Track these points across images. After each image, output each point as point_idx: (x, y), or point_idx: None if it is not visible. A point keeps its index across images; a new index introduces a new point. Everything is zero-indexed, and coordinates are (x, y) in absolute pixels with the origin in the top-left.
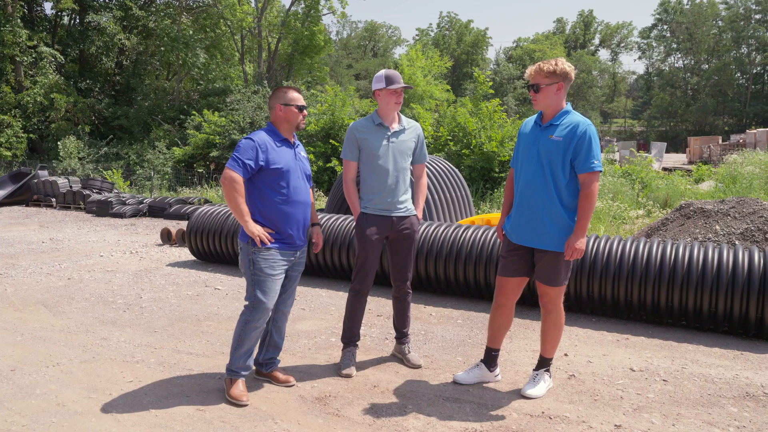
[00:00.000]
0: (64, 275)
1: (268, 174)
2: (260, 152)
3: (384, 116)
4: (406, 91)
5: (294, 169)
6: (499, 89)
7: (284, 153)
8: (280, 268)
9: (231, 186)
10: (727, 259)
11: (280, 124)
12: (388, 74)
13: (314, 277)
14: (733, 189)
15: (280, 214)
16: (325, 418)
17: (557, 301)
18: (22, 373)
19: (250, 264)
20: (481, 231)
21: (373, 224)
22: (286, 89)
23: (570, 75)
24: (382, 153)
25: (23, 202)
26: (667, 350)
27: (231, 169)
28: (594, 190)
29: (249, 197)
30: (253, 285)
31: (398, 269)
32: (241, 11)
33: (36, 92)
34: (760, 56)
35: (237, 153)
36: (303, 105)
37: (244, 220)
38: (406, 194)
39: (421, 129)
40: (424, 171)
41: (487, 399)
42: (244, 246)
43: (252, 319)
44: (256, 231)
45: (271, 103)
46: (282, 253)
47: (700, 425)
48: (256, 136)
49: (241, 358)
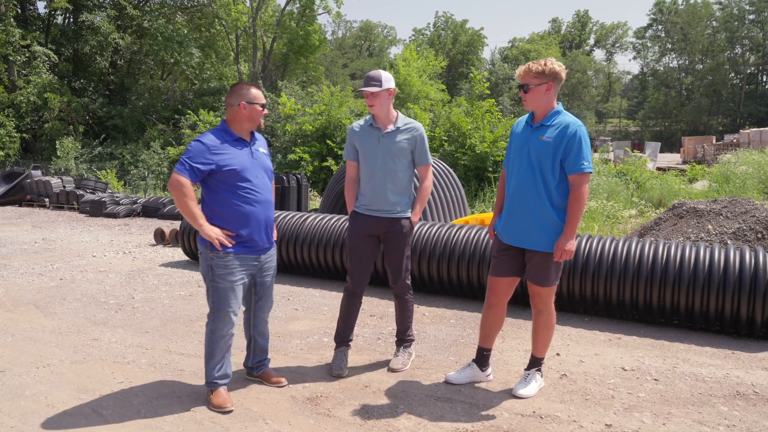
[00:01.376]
0: (57, 276)
1: (222, 176)
2: (210, 154)
3: (376, 117)
4: (402, 91)
5: (251, 168)
6: (494, 89)
7: (237, 153)
8: (241, 274)
9: (179, 191)
10: (719, 258)
11: (240, 122)
12: (366, 76)
13: (307, 277)
14: (726, 188)
15: (239, 216)
16: (316, 419)
17: (548, 301)
18: (11, 374)
19: (209, 270)
20: (474, 231)
21: (362, 223)
22: (248, 86)
23: (560, 75)
24: (371, 153)
25: (16, 202)
26: (658, 349)
27: (178, 173)
28: (584, 192)
29: (206, 201)
30: (213, 293)
31: (391, 270)
32: (236, 11)
33: (29, 92)
34: (754, 56)
35: (185, 156)
36: (264, 103)
37: (199, 223)
38: (398, 196)
39: (421, 130)
40: (428, 173)
41: (478, 399)
42: (203, 250)
43: (216, 328)
44: (213, 234)
45: (230, 101)
46: (242, 258)
47: (691, 424)
48: (206, 138)
49: (216, 368)
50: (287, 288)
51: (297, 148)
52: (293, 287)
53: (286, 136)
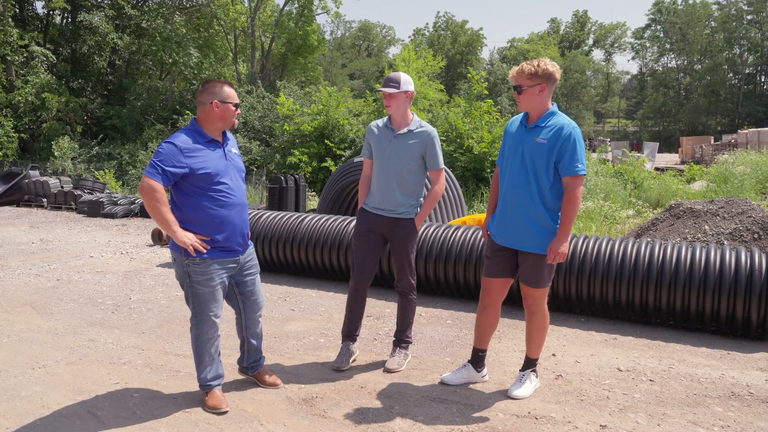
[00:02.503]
0: (53, 276)
1: (195, 179)
2: (183, 157)
3: (391, 118)
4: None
5: (224, 171)
6: (493, 89)
7: (211, 155)
8: (219, 278)
9: (151, 196)
10: (715, 259)
11: (212, 122)
12: (386, 77)
13: (304, 278)
14: (724, 189)
15: (214, 221)
16: (311, 420)
17: (541, 302)
18: (7, 375)
19: (185, 276)
20: (471, 231)
21: (368, 220)
22: (221, 83)
23: (554, 76)
24: (382, 154)
25: (14, 203)
26: (654, 350)
27: (150, 177)
28: (578, 194)
29: (178, 206)
30: (193, 298)
31: (394, 270)
32: (234, 11)
33: (27, 92)
34: (752, 57)
35: (156, 159)
36: (238, 102)
37: (173, 230)
38: (406, 197)
39: (433, 134)
40: (440, 177)
41: (473, 400)
42: (177, 257)
43: (201, 333)
44: (187, 240)
45: (202, 99)
46: (219, 262)
47: (685, 425)
48: (177, 139)
49: (207, 370)
50: (284, 288)
51: (295, 150)
52: (290, 288)
53: (284, 137)
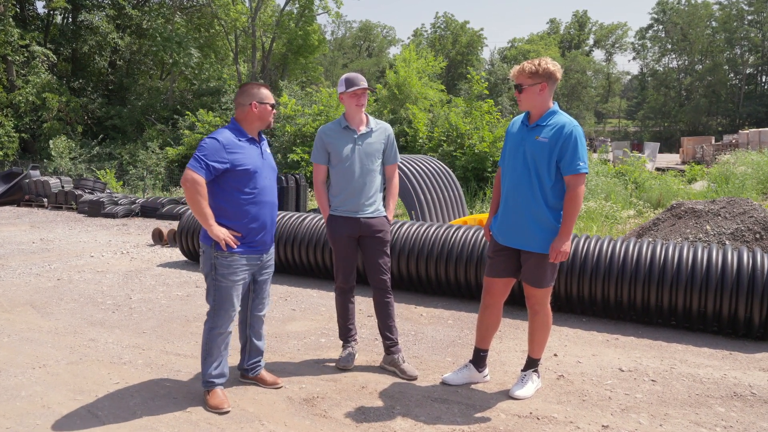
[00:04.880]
0: (54, 276)
1: (235, 175)
2: (226, 153)
3: (350, 119)
4: (401, 92)
5: (261, 169)
6: (493, 89)
7: (251, 152)
8: (243, 273)
9: (194, 188)
10: (717, 259)
11: (251, 122)
12: (349, 77)
13: (305, 278)
14: (725, 189)
15: (247, 217)
16: (312, 420)
17: (544, 302)
18: (7, 375)
19: (211, 268)
20: (471, 231)
21: (342, 226)
22: (258, 86)
23: (554, 75)
24: (348, 156)
25: (15, 202)
26: (656, 350)
27: (193, 171)
28: (580, 192)
29: (214, 199)
30: (215, 290)
31: (372, 271)
32: (235, 11)
33: (28, 91)
34: (753, 57)
35: (200, 153)
36: (274, 103)
37: (209, 223)
38: (375, 196)
39: (390, 130)
40: (396, 172)
41: (475, 400)
42: (206, 249)
43: (216, 325)
44: (221, 234)
45: (242, 100)
46: (247, 258)
47: (687, 425)
48: (221, 135)
49: (213, 366)
50: (285, 288)
51: (297, 148)
52: (291, 288)
53: (285, 137)
